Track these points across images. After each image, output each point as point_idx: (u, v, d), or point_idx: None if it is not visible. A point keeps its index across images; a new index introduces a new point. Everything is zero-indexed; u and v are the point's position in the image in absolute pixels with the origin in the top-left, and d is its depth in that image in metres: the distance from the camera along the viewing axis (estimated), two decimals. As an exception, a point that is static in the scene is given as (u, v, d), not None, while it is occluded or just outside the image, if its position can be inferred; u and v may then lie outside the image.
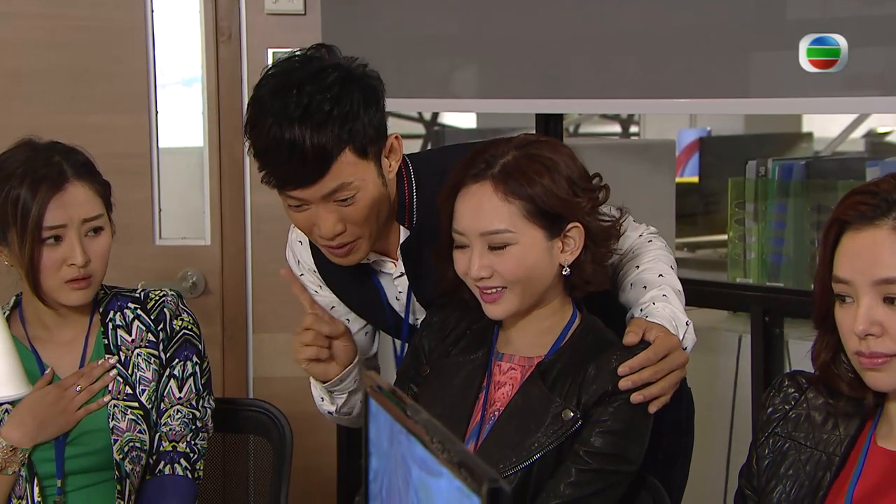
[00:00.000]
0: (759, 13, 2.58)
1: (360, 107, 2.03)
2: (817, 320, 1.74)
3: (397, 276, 2.25)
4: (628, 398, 1.90)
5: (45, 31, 3.24)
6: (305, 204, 2.04)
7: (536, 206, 1.91)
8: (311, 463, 3.19)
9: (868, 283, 1.62)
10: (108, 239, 2.22)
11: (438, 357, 2.07)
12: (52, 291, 2.18)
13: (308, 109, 1.98)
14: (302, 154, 1.98)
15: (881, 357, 1.63)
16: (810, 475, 1.74)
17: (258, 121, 2.02)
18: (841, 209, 1.68)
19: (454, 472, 1.10)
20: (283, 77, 2.04)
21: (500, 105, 3.07)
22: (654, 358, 1.91)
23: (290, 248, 2.35)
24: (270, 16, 3.28)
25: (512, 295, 1.94)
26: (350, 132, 2.00)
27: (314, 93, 1.99)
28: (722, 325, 3.31)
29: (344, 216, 2.05)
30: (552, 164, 1.93)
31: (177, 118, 3.34)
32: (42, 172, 2.15)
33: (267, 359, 3.34)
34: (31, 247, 2.13)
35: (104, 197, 2.23)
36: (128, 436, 2.21)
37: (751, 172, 3.01)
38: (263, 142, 2.01)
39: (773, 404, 1.83)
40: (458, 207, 1.95)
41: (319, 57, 2.08)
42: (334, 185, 2.01)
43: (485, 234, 1.92)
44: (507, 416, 1.95)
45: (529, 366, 1.99)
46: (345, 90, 2.01)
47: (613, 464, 1.91)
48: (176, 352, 2.28)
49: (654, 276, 2.09)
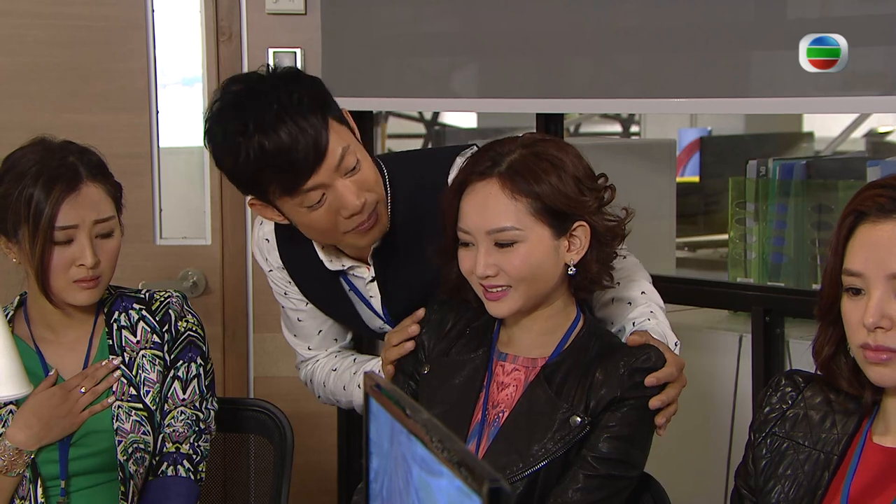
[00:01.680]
0: (759, 13, 2.58)
1: (312, 86, 2.09)
2: (822, 312, 1.73)
3: (369, 280, 2.26)
4: (635, 404, 1.90)
5: (45, 30, 3.24)
6: (323, 189, 2.05)
7: (543, 203, 1.91)
8: (311, 462, 3.20)
9: (882, 275, 1.62)
10: (117, 241, 2.23)
11: (438, 356, 2.07)
12: (60, 291, 2.19)
13: (281, 104, 2.02)
14: (301, 144, 2.00)
15: (887, 352, 1.62)
16: (808, 475, 1.74)
17: (243, 140, 2.02)
18: (858, 200, 1.67)
19: (454, 471, 1.10)
20: (240, 98, 2.07)
21: (501, 105, 3.07)
22: (676, 373, 1.93)
23: (256, 244, 2.37)
24: (271, 15, 3.28)
25: (516, 294, 1.93)
26: (323, 105, 2.06)
27: (273, 94, 2.04)
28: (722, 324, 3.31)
29: (359, 183, 2.08)
30: (559, 162, 1.93)
31: (177, 118, 3.34)
32: (56, 172, 2.15)
33: (268, 358, 3.34)
34: (42, 246, 2.13)
35: (116, 199, 2.23)
36: (132, 437, 2.21)
37: (751, 172, 3.01)
38: (257, 155, 2.02)
39: (770, 404, 1.82)
40: (463, 205, 1.95)
41: (246, 77, 2.15)
42: (339, 150, 2.04)
43: (491, 231, 1.91)
44: (513, 420, 1.94)
45: (533, 367, 1.98)
46: (293, 82, 2.07)
47: (621, 469, 1.91)
48: (180, 353, 2.28)
49: (636, 293, 2.10)
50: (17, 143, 2.27)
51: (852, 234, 1.66)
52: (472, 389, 2.00)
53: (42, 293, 2.19)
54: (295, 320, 2.39)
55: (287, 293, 2.37)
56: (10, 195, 2.15)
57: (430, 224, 2.05)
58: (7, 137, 2.24)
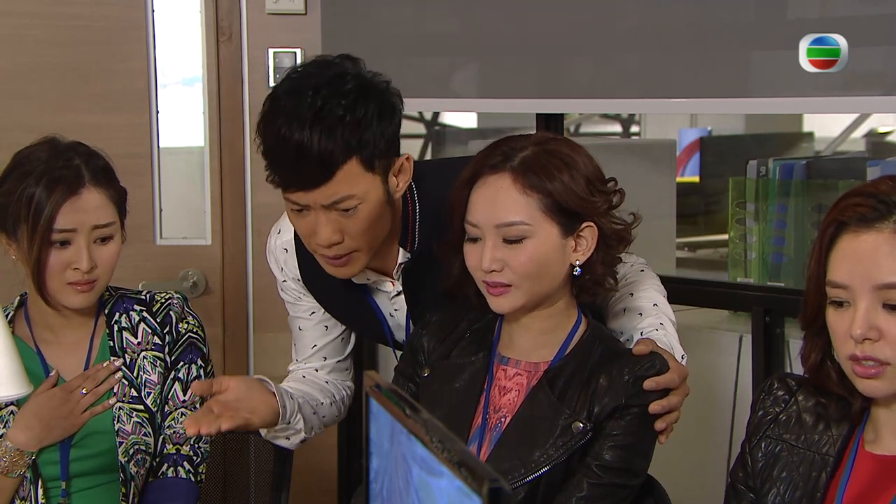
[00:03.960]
0: (759, 13, 2.58)
1: (374, 118, 2.01)
2: (807, 322, 1.72)
3: (394, 294, 2.25)
4: (639, 412, 1.90)
5: (45, 30, 3.24)
6: (307, 209, 2.03)
7: (554, 201, 1.90)
8: (311, 463, 3.19)
9: (868, 287, 1.60)
10: (117, 246, 2.21)
11: (438, 359, 2.06)
12: (55, 293, 2.18)
13: (320, 112, 1.96)
14: (308, 156, 1.96)
15: (874, 363, 1.61)
16: (804, 476, 1.73)
17: (270, 118, 2.01)
18: (838, 211, 1.66)
19: (454, 471, 1.10)
20: (302, 79, 2.03)
21: (501, 105, 3.07)
22: (678, 381, 1.92)
23: (271, 253, 2.34)
24: (271, 15, 3.28)
25: (519, 292, 1.93)
26: (359, 142, 1.99)
27: (329, 97, 1.98)
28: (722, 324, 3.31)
29: (343, 227, 2.03)
30: (571, 161, 1.93)
31: (177, 118, 3.34)
32: (60, 174, 2.15)
33: (268, 358, 3.34)
34: (40, 246, 2.13)
35: (118, 204, 2.22)
36: (133, 438, 2.21)
37: (751, 172, 3.01)
38: (272, 140, 2.00)
39: (763, 407, 1.82)
40: (473, 198, 1.94)
41: (341, 64, 2.06)
42: (337, 194, 1.99)
43: (500, 225, 1.91)
44: (515, 426, 1.94)
45: (536, 371, 1.98)
46: (360, 99, 2.00)
47: (624, 478, 1.91)
48: (181, 355, 2.28)
49: (648, 304, 2.09)
50: (17, 143, 2.28)
51: (834, 244, 1.65)
52: (472, 393, 2.00)
53: (38, 294, 2.18)
54: (296, 328, 2.39)
55: (297, 302, 2.34)
56: (13, 193, 2.15)
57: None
58: (7, 137, 2.24)
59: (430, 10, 3.15)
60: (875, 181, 1.69)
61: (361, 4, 3.20)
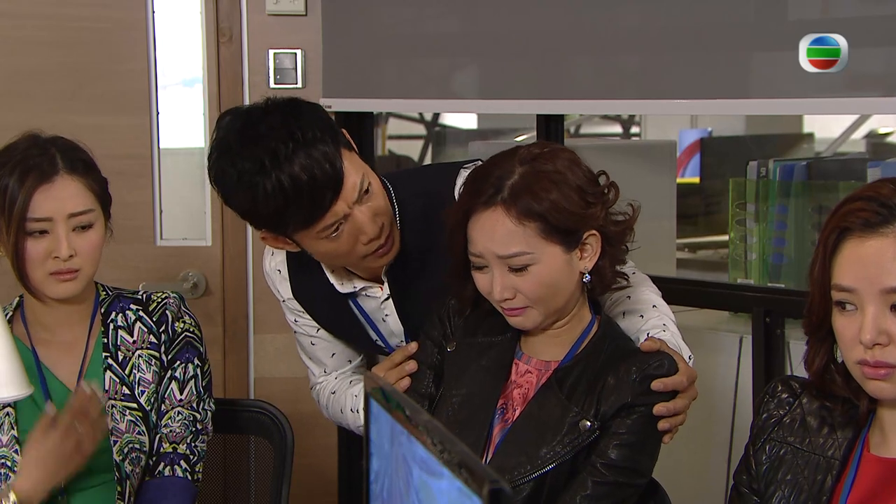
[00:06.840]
0: (759, 13, 2.58)
1: (321, 112, 2.10)
2: (812, 328, 1.72)
3: (384, 298, 2.27)
4: (645, 411, 1.90)
5: (46, 31, 3.24)
6: (343, 218, 2.05)
7: (550, 224, 1.90)
8: (311, 463, 3.20)
9: (875, 291, 1.60)
10: (98, 235, 2.19)
11: (465, 335, 2.07)
12: (38, 284, 2.17)
13: (293, 138, 2.01)
14: (319, 170, 2.01)
15: (885, 367, 1.61)
16: (810, 480, 1.73)
17: (258, 185, 2.01)
18: (840, 216, 1.65)
19: (455, 472, 1.10)
20: (242, 145, 2.04)
21: (501, 106, 3.07)
22: (686, 383, 1.92)
23: (268, 276, 2.39)
24: (271, 16, 3.29)
25: (535, 312, 1.94)
26: (332, 134, 2.06)
27: (283, 129, 2.02)
28: (723, 325, 3.31)
29: (374, 209, 2.09)
30: (560, 178, 1.91)
31: (178, 119, 3.34)
32: (33, 162, 2.14)
33: (268, 359, 3.34)
34: (17, 237, 2.12)
35: (98, 193, 2.20)
36: (127, 437, 2.21)
37: (752, 173, 3.01)
38: (277, 192, 2.01)
39: (767, 410, 1.81)
40: (471, 232, 1.94)
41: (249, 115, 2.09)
42: (355, 179, 2.05)
43: (503, 257, 1.91)
44: (523, 422, 1.94)
45: (546, 370, 1.98)
46: (297, 114, 2.06)
47: (629, 477, 1.91)
48: (177, 354, 2.28)
49: (647, 306, 2.10)
50: (16, 143, 2.28)
51: (838, 249, 1.64)
52: (501, 369, 2.01)
53: (22, 286, 2.18)
54: (308, 345, 2.41)
55: (299, 321, 2.38)
56: None
57: (442, 235, 2.05)
58: (7, 138, 2.23)
59: (431, 11, 3.15)
60: (874, 184, 1.69)
61: (361, 5, 3.20)
